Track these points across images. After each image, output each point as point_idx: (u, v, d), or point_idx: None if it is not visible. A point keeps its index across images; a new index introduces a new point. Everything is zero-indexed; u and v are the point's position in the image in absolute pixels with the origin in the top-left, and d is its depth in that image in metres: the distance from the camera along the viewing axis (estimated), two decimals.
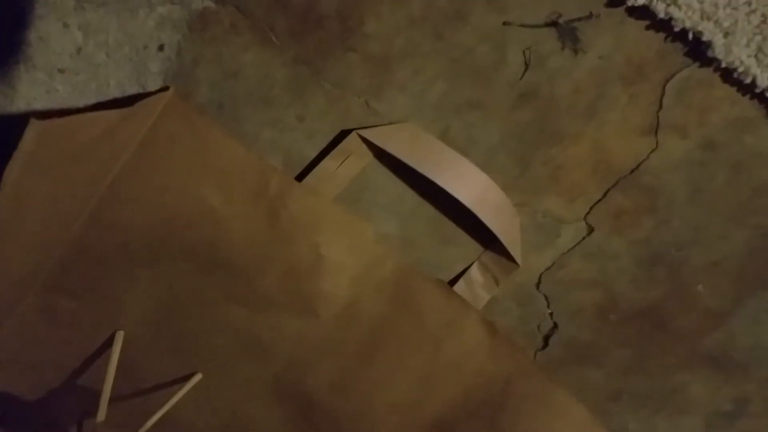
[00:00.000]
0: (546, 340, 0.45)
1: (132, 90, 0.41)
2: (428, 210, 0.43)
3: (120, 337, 0.44)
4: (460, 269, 0.44)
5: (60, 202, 0.39)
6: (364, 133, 0.40)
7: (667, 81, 0.37)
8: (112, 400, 0.42)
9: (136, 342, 0.44)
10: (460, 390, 0.44)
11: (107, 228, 0.41)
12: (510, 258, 0.42)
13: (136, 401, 0.46)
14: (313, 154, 0.42)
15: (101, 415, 0.41)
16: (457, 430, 0.44)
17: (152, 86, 0.41)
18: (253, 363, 0.45)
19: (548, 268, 0.43)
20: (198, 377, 0.45)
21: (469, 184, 0.40)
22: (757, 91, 0.37)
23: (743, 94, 0.37)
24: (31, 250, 0.42)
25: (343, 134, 0.41)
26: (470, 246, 0.43)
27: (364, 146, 0.41)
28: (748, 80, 0.36)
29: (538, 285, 0.44)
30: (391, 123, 0.40)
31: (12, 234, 0.39)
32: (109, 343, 0.44)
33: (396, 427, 0.45)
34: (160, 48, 0.40)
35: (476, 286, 0.44)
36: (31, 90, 0.40)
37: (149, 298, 0.44)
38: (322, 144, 0.42)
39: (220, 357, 0.45)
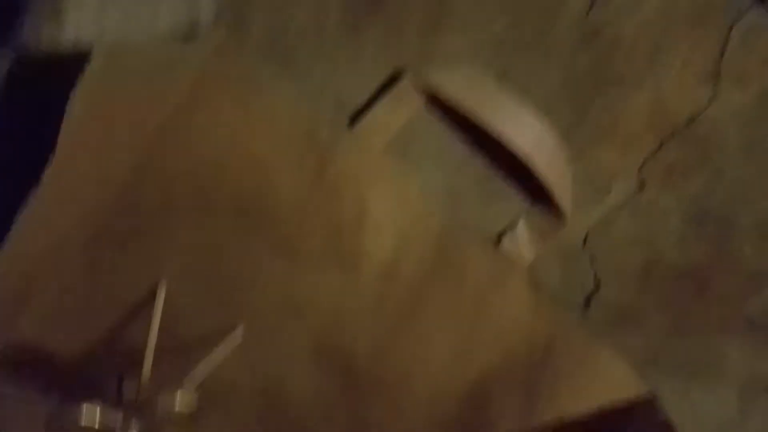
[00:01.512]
0: (587, 300, 0.44)
1: (182, 19, 0.38)
2: (476, 163, 0.41)
3: (163, 287, 0.41)
4: (505, 226, 0.42)
5: (110, 147, 0.38)
6: (418, 75, 0.38)
7: (732, 25, 0.36)
8: (155, 358, 0.40)
9: (177, 295, 0.42)
10: (500, 349, 0.42)
11: (154, 176, 0.40)
12: (558, 214, 0.41)
13: (177, 357, 0.44)
14: (365, 95, 0.40)
15: (146, 368, 0.39)
16: (496, 389, 0.42)
17: (204, 16, 0.38)
18: (293, 321, 0.43)
19: (595, 225, 0.42)
20: (239, 333, 0.43)
21: (526, 131, 0.38)
22: None
23: None
24: (79, 198, 0.40)
25: (395, 76, 0.39)
26: (516, 202, 0.42)
27: (414, 92, 0.39)
28: None
29: (583, 243, 0.43)
30: (447, 64, 0.39)
31: (66, 180, 0.37)
32: (151, 296, 0.42)
33: (435, 386, 0.44)
34: None
35: (521, 243, 0.42)
36: (79, 16, 0.37)
37: (192, 250, 0.42)
38: (374, 84, 0.39)
39: (261, 313, 0.43)
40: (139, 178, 0.40)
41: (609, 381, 0.41)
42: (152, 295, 0.43)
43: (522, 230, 0.42)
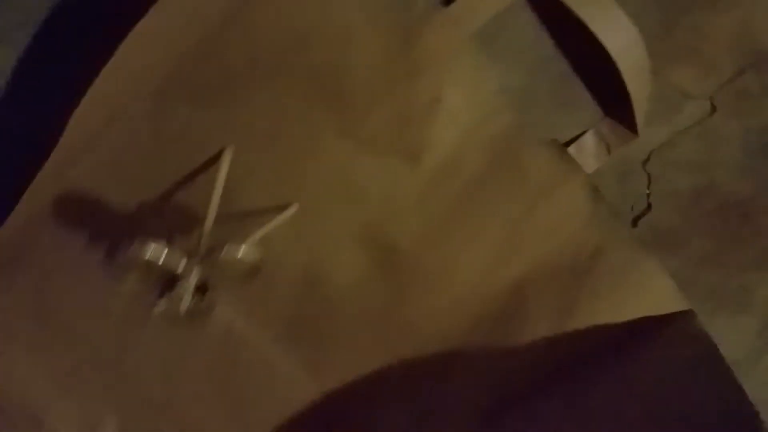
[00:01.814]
0: (635, 221, 0.46)
1: None
2: (558, 65, 0.41)
3: (229, 153, 0.41)
4: (574, 135, 0.43)
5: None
6: None
7: None
8: (215, 218, 0.41)
9: (239, 163, 0.42)
10: (548, 252, 0.43)
11: (240, 33, 0.38)
12: (630, 126, 0.41)
13: (234, 223, 0.44)
14: None
15: (209, 221, 0.39)
16: (536, 290, 0.44)
17: None
18: (347, 203, 0.43)
19: (661, 146, 0.43)
20: (294, 207, 0.43)
21: (620, 34, 0.38)
22: None
23: None
24: (157, 44, 0.38)
25: None
26: (589, 112, 0.42)
27: None
28: None
29: (645, 162, 0.44)
30: None
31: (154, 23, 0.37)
32: (215, 159, 0.42)
33: (476, 283, 0.45)
34: None
35: (587, 153, 0.43)
36: None
37: (262, 118, 0.41)
38: None
39: (317, 192, 0.43)
40: (226, 28, 0.39)
41: (652, 294, 0.42)
42: (216, 159, 0.43)
43: (590, 140, 0.43)
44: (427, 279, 0.46)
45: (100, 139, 0.42)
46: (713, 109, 0.42)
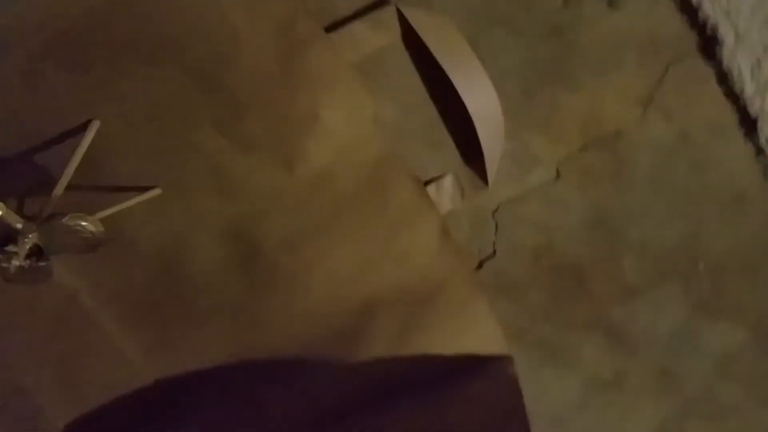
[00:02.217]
0: (481, 263, 0.49)
1: None
2: (429, 110, 0.44)
3: (95, 126, 0.41)
4: (434, 175, 0.46)
5: None
6: (403, 9, 0.41)
7: (671, 63, 0.41)
8: (70, 186, 0.40)
9: (107, 138, 0.42)
10: (397, 279, 0.46)
11: (125, 12, 0.39)
12: (483, 178, 0.45)
13: (91, 195, 0.44)
14: (347, 13, 0.42)
15: (60, 188, 0.39)
16: (382, 312, 0.46)
17: None
18: (215, 197, 0.45)
19: (510, 200, 0.47)
20: (157, 191, 0.44)
21: (480, 94, 0.42)
22: (740, 102, 0.42)
23: (729, 100, 0.42)
24: (40, 4, 0.38)
25: (380, 4, 0.41)
26: (451, 158, 0.46)
27: (396, 22, 0.42)
28: (737, 89, 0.41)
29: (494, 212, 0.47)
30: (429, 10, 0.41)
31: None
32: (80, 129, 0.42)
33: (328, 295, 0.47)
34: None
35: (444, 194, 0.46)
36: None
37: (136, 98, 0.42)
38: (358, 5, 0.41)
39: (185, 180, 0.44)
40: (114, 5, 0.39)
41: (480, 333, 0.46)
42: (83, 128, 0.43)
43: (448, 183, 0.46)
44: (283, 283, 0.47)
45: None
46: (558, 175, 0.46)
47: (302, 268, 0.47)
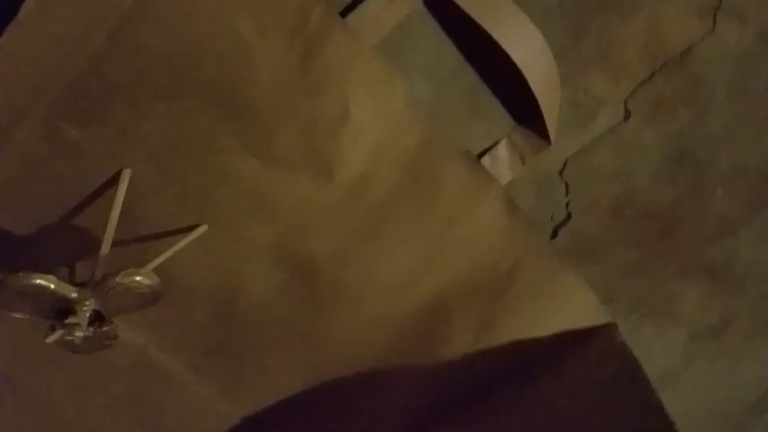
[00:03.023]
0: (556, 230, 0.44)
1: None
2: (466, 76, 0.39)
3: (127, 175, 0.39)
4: (487, 146, 0.42)
5: (78, 15, 0.34)
6: None
7: None
8: (114, 242, 0.38)
9: (141, 184, 0.39)
10: (466, 267, 0.42)
11: (127, 50, 0.36)
12: (542, 135, 0.40)
13: (136, 247, 0.42)
14: None
15: (105, 247, 0.37)
16: (456, 305, 0.43)
17: None
18: (257, 221, 0.42)
19: (576, 153, 0.42)
20: (203, 228, 0.41)
21: (525, 43, 0.37)
22: None
23: None
24: (42, 67, 0.36)
25: None
26: (501, 123, 0.41)
27: None
28: None
29: (561, 171, 0.42)
30: None
31: (25, 43, 0.34)
32: (113, 181, 0.40)
33: (395, 298, 0.44)
34: None
35: (501, 164, 0.41)
36: None
37: (161, 137, 0.39)
38: None
39: (225, 211, 0.41)
40: (111, 46, 0.37)
41: (573, 306, 0.41)
42: (115, 179, 0.42)
43: (503, 151, 0.41)
44: (345, 295, 0.44)
45: None
46: (627, 114, 0.41)
47: (362, 277, 0.44)
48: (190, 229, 0.43)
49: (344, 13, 0.38)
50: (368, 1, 0.37)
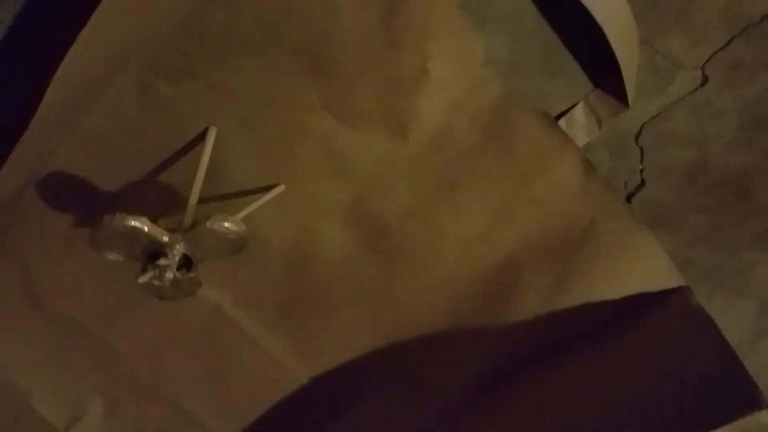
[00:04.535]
0: (629, 197, 0.45)
1: None
2: (545, 34, 0.40)
3: (213, 132, 0.41)
4: (563, 108, 0.42)
5: None
6: None
7: None
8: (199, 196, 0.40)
9: (224, 139, 0.41)
10: (539, 226, 0.42)
11: (220, 6, 0.37)
12: (620, 98, 0.40)
13: (218, 201, 0.44)
14: None
15: (194, 197, 0.38)
16: (528, 264, 0.43)
17: None
18: (333, 179, 0.43)
19: (653, 118, 0.42)
20: (281, 188, 0.43)
21: (606, 1, 0.38)
22: None
23: None
24: (136, 22, 0.38)
25: None
26: (578, 83, 0.41)
27: None
28: None
29: (637, 136, 0.43)
30: None
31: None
32: (199, 137, 0.42)
33: (465, 260, 0.44)
34: None
35: (577, 126, 0.42)
36: None
37: (247, 93, 0.40)
38: None
39: (303, 168, 0.43)
40: (204, 6, 0.39)
41: (647, 268, 0.41)
42: (201, 137, 0.43)
43: (580, 112, 0.42)
44: (416, 255, 0.45)
45: (81, 116, 0.42)
46: (705, 79, 0.41)
47: (433, 236, 0.44)
48: (269, 187, 0.45)
49: None
50: None
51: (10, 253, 0.47)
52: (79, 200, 0.45)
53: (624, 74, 0.39)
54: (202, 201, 0.43)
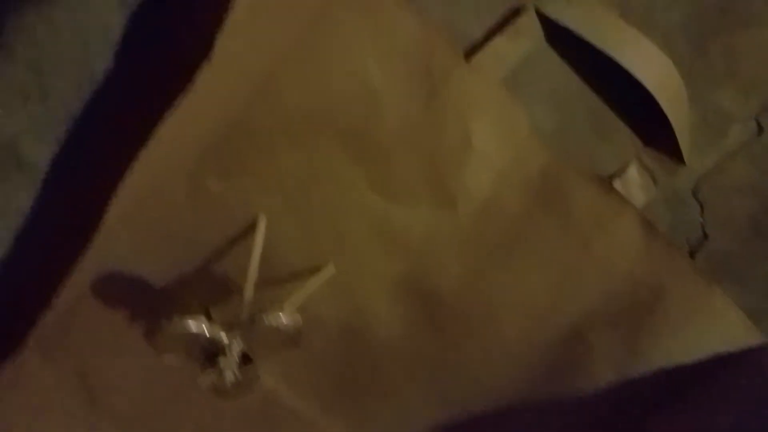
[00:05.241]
0: (692, 252, 0.43)
1: None
2: (589, 102, 0.40)
3: (263, 221, 0.41)
4: (614, 169, 0.42)
5: (233, 76, 0.37)
6: (542, 7, 0.38)
7: None
8: (243, 288, 0.40)
9: (274, 226, 0.42)
10: (603, 294, 0.41)
11: (269, 106, 0.39)
12: (674, 155, 0.40)
13: (272, 288, 0.44)
14: (481, 33, 0.39)
15: (249, 290, 0.38)
16: (595, 333, 0.42)
17: None
18: (384, 256, 0.43)
19: (708, 171, 0.41)
20: (331, 269, 0.43)
21: (651, 65, 0.37)
22: None
23: None
24: (191, 126, 0.39)
25: (515, 12, 0.39)
26: (627, 144, 0.41)
27: (537, 23, 0.38)
28: None
29: (694, 190, 0.42)
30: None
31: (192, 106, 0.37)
32: (249, 227, 0.42)
33: (526, 331, 0.43)
34: None
35: (633, 185, 0.41)
36: None
37: (293, 181, 0.41)
38: (493, 21, 0.39)
39: (352, 248, 0.42)
40: (254, 101, 0.40)
41: (721, 327, 0.40)
42: (250, 227, 0.43)
43: (634, 172, 0.41)
44: (475, 327, 0.44)
45: (137, 217, 0.43)
46: (759, 128, 0.40)
47: (492, 307, 0.43)
48: (319, 268, 0.45)
49: (468, 55, 0.40)
50: (492, 41, 0.38)
51: (71, 353, 0.47)
52: (135, 302, 0.45)
53: (677, 133, 0.39)
54: (255, 290, 0.43)
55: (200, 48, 0.39)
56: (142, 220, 0.42)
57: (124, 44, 0.40)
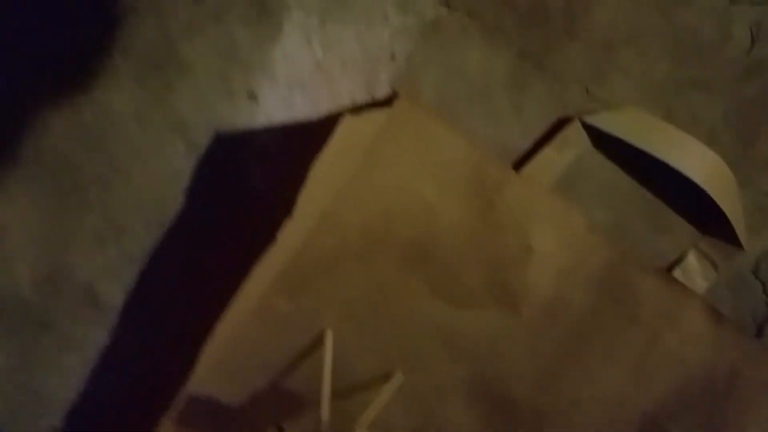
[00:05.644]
0: (760, 328, 0.43)
1: (361, 98, 0.41)
2: (642, 197, 0.42)
3: (330, 336, 0.42)
4: (673, 258, 0.43)
5: (305, 217, 0.39)
6: (587, 118, 0.40)
7: None
8: (313, 402, 0.41)
9: (340, 340, 0.43)
10: (676, 382, 0.41)
11: (332, 228, 0.41)
12: (731, 241, 0.41)
13: (341, 403, 0.44)
14: (529, 145, 0.41)
15: (324, 412, 0.39)
16: (674, 422, 0.42)
17: (380, 93, 0.42)
18: (451, 361, 0.43)
19: (766, 251, 0.42)
20: (400, 378, 0.43)
21: (698, 161, 0.39)
22: None
23: None
24: (273, 267, 0.42)
25: (560, 123, 0.41)
26: (684, 233, 0.42)
27: (583, 133, 0.40)
28: None
29: (754, 270, 0.42)
30: (612, 108, 0.40)
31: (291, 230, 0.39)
32: (316, 343, 0.43)
33: (603, 424, 0.43)
34: (392, 57, 0.41)
35: (694, 273, 0.42)
36: (272, 103, 0.40)
37: (357, 294, 0.42)
38: (538, 134, 0.41)
39: (419, 355, 0.43)
40: (320, 231, 0.41)
41: None
42: (317, 344, 0.44)
43: (693, 261, 0.42)
44: (550, 425, 0.44)
45: (221, 358, 0.44)
46: None
47: (566, 404, 0.44)
48: (388, 377, 0.45)
49: (517, 167, 0.42)
50: (540, 153, 0.40)
51: None
52: (211, 419, 0.45)
53: (732, 221, 0.40)
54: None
55: (273, 192, 0.41)
56: (212, 339, 0.44)
57: (193, 188, 0.43)
